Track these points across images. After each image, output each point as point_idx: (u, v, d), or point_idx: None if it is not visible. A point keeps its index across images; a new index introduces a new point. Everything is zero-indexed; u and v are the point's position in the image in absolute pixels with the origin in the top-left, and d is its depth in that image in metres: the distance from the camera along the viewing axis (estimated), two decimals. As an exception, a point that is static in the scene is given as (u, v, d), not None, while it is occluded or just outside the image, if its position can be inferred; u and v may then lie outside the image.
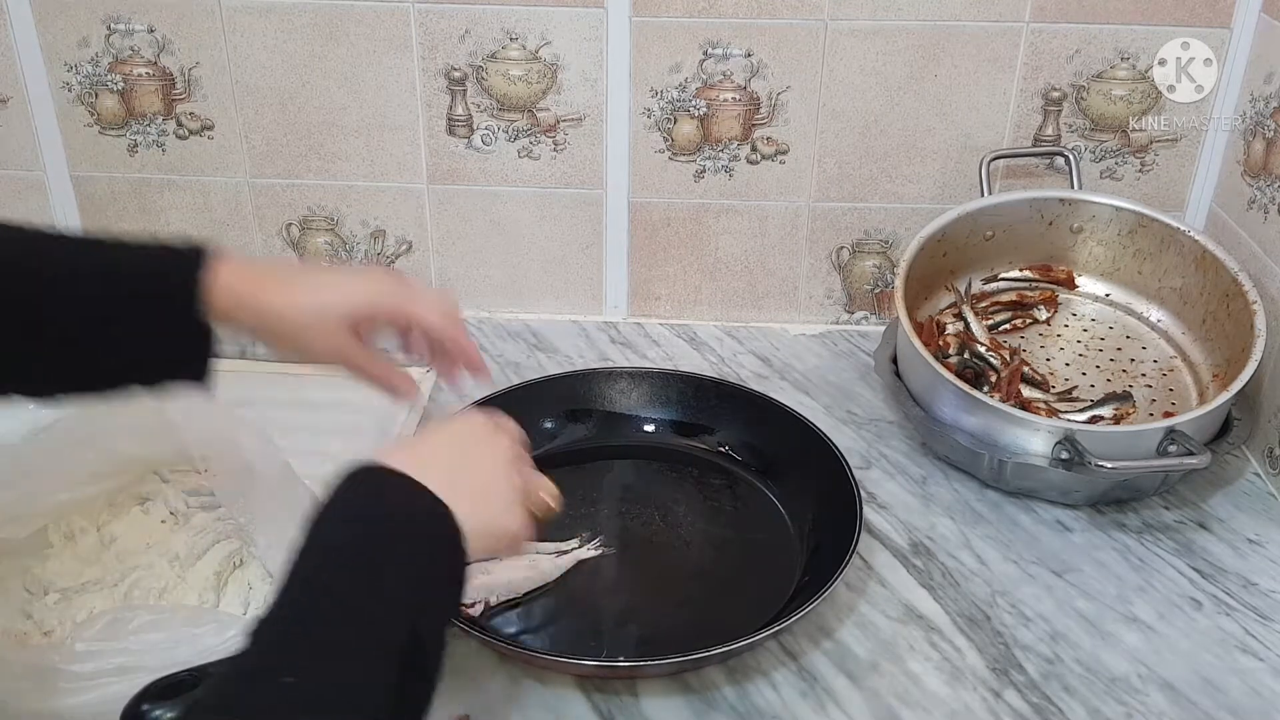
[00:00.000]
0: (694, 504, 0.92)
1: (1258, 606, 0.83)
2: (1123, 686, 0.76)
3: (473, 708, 0.73)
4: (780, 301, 1.18)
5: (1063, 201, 1.06)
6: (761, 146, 1.10)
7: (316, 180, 1.14)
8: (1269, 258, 0.98)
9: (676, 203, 1.13)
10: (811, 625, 0.80)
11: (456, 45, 1.07)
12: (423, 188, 1.14)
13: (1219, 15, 1.03)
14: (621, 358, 1.12)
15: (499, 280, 1.18)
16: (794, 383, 1.09)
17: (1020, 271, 1.09)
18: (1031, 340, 1.06)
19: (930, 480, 0.96)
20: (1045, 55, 1.05)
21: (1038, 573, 0.86)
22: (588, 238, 1.15)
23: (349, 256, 1.17)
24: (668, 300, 1.18)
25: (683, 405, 0.99)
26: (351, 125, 1.11)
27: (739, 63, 1.06)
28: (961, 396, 0.91)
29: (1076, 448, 0.86)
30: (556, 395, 0.98)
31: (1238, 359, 0.93)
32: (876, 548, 0.88)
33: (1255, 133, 1.02)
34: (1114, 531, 0.91)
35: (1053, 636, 0.80)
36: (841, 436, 0.99)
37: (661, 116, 1.09)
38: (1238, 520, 0.92)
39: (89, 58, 1.09)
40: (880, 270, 1.16)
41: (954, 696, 0.75)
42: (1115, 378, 1.02)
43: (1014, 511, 0.92)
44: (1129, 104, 1.07)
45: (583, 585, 0.83)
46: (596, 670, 0.77)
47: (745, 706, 0.74)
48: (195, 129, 1.12)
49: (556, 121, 1.10)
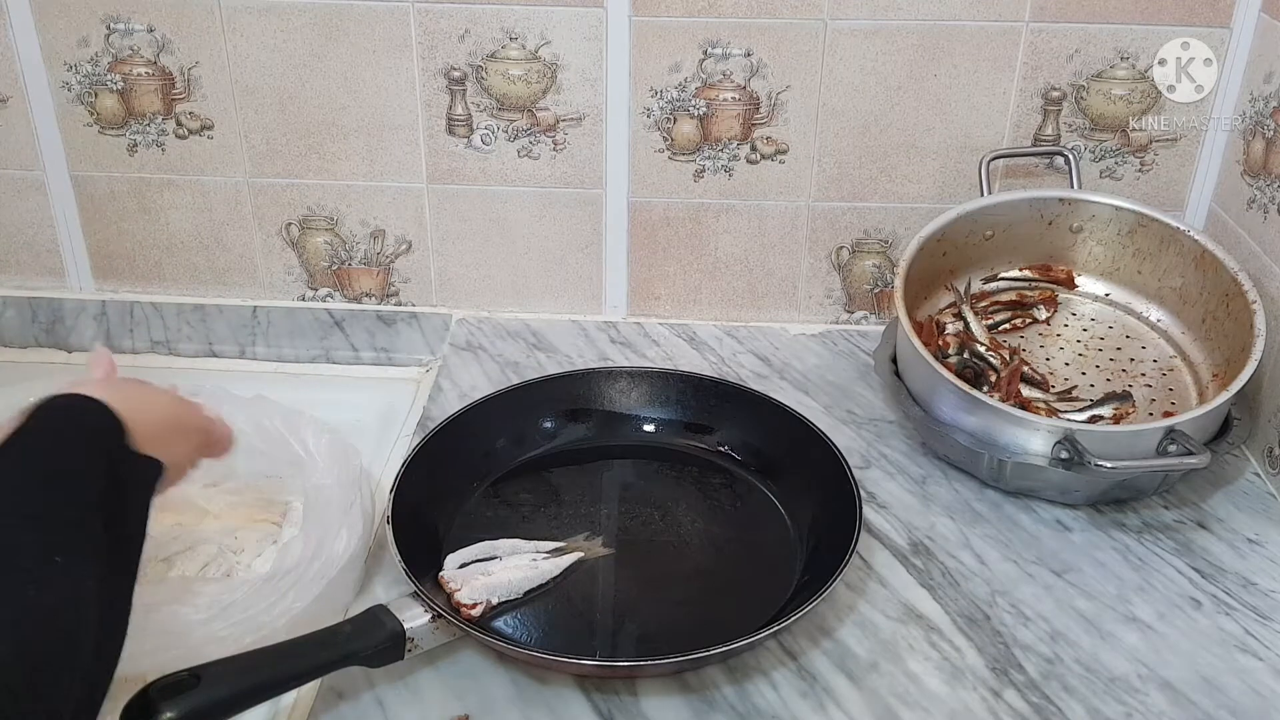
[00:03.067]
0: (694, 504, 0.92)
1: (1257, 606, 0.83)
2: (1122, 686, 0.76)
3: (473, 708, 0.73)
4: (780, 301, 1.18)
5: (1062, 201, 1.06)
6: (761, 146, 1.10)
7: (316, 180, 1.14)
8: (1269, 257, 0.98)
9: (676, 202, 1.13)
10: (811, 625, 0.80)
11: (456, 45, 1.07)
12: (422, 187, 1.14)
13: (1219, 15, 1.03)
14: (621, 357, 1.12)
15: (498, 280, 1.18)
16: (794, 382, 1.09)
17: (1020, 271, 1.09)
18: (1031, 340, 1.06)
19: (930, 480, 0.96)
20: (1045, 55, 1.05)
21: (1037, 572, 0.86)
22: (587, 237, 1.15)
23: (349, 256, 1.17)
24: (667, 300, 1.18)
25: (682, 405, 0.99)
26: (351, 125, 1.11)
27: (739, 62, 1.06)
28: (961, 396, 0.91)
29: (1076, 447, 0.86)
30: (556, 395, 0.98)
31: (1237, 359, 0.93)
32: (876, 547, 0.88)
33: (1255, 132, 1.02)
34: (1114, 531, 0.91)
35: (1052, 636, 0.80)
36: (841, 436, 0.99)
37: (661, 116, 1.09)
38: (1237, 520, 0.92)
39: (89, 57, 1.09)
40: (880, 270, 1.16)
41: (954, 696, 0.75)
42: (1115, 377, 1.02)
43: (1014, 511, 0.92)
44: (1129, 104, 1.07)
45: (583, 585, 0.83)
46: (596, 670, 0.77)
47: (745, 706, 0.74)
48: (195, 129, 1.12)
49: (556, 121, 1.10)
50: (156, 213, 1.16)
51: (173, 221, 1.17)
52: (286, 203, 1.15)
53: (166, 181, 1.15)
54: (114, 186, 1.15)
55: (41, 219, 1.17)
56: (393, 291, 1.19)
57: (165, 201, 1.16)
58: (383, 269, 1.18)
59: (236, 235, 1.17)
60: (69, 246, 1.18)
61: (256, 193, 1.15)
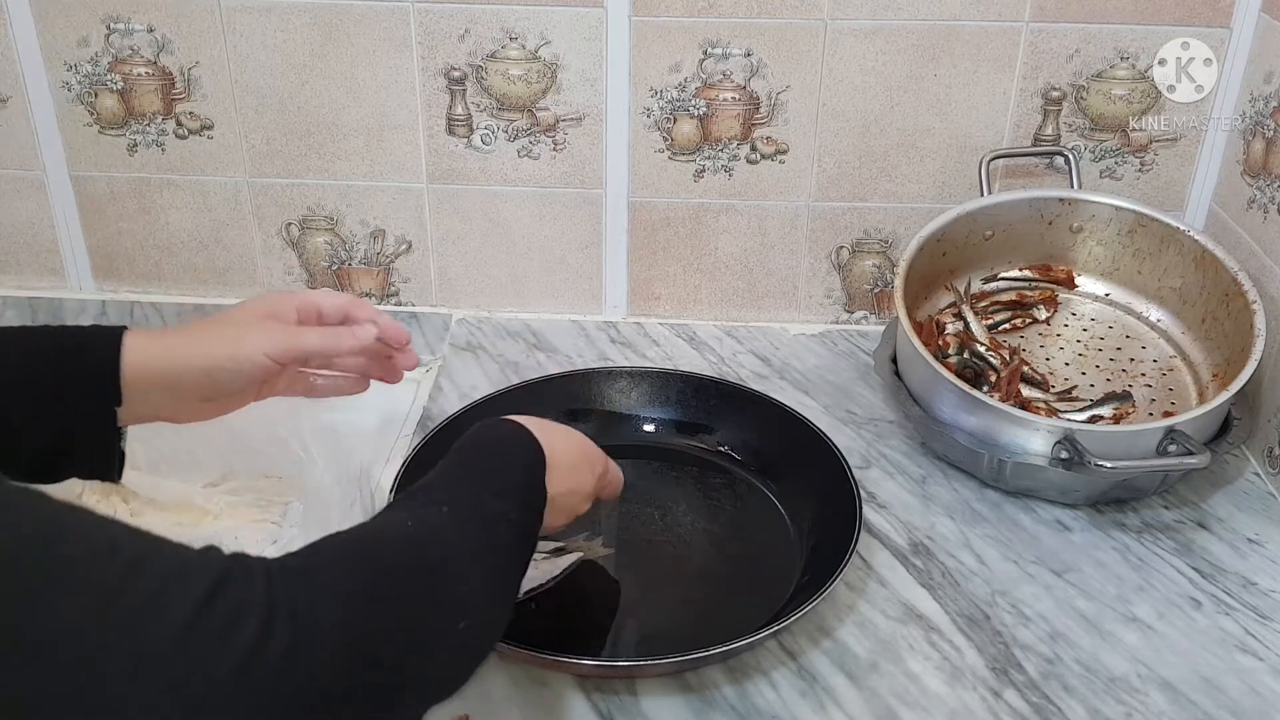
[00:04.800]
0: (694, 504, 0.92)
1: (1257, 606, 0.83)
2: (1122, 686, 0.76)
3: (473, 708, 0.73)
4: (780, 301, 1.18)
5: (1062, 201, 1.06)
6: (761, 146, 1.10)
7: (316, 180, 1.14)
8: (1268, 257, 0.98)
9: (676, 202, 1.13)
10: (811, 625, 0.80)
11: (456, 45, 1.07)
12: (422, 187, 1.14)
13: (1219, 15, 1.03)
14: (621, 357, 1.12)
15: (498, 280, 1.18)
16: (793, 382, 1.09)
17: (1020, 271, 1.09)
18: (1031, 340, 1.06)
19: (930, 480, 0.96)
20: (1045, 55, 1.05)
21: (1037, 572, 0.86)
22: (587, 237, 1.15)
23: (349, 256, 1.17)
24: (667, 300, 1.18)
25: (682, 405, 0.99)
26: (351, 125, 1.11)
27: (739, 62, 1.06)
28: (961, 396, 0.91)
29: (1076, 447, 0.86)
30: (556, 395, 0.98)
31: (1237, 358, 0.93)
32: (876, 547, 0.88)
33: (1255, 132, 1.02)
34: (1114, 531, 0.91)
35: (1052, 636, 0.80)
36: (841, 436, 0.99)
37: (661, 116, 1.09)
38: (1237, 520, 0.92)
39: (89, 57, 1.09)
40: (880, 270, 1.16)
41: (953, 696, 0.75)
42: (1115, 377, 1.02)
43: (1014, 511, 0.92)
44: (1129, 104, 1.07)
45: (583, 585, 0.83)
46: (596, 670, 0.77)
47: (745, 706, 0.74)
48: (195, 128, 1.12)
49: (556, 121, 1.10)
50: (156, 213, 1.16)
51: (173, 221, 1.17)
52: (286, 203, 1.15)
53: (166, 181, 1.15)
54: (114, 186, 1.15)
55: (41, 219, 1.17)
56: (393, 291, 1.19)
57: (165, 201, 1.16)
58: (383, 269, 1.18)
59: (236, 235, 1.17)
60: (69, 246, 1.18)
61: (256, 193, 1.15)
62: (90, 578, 0.41)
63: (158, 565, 0.43)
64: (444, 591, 0.55)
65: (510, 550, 0.63)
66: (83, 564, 0.41)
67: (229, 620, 0.43)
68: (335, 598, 0.49)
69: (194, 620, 0.42)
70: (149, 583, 0.42)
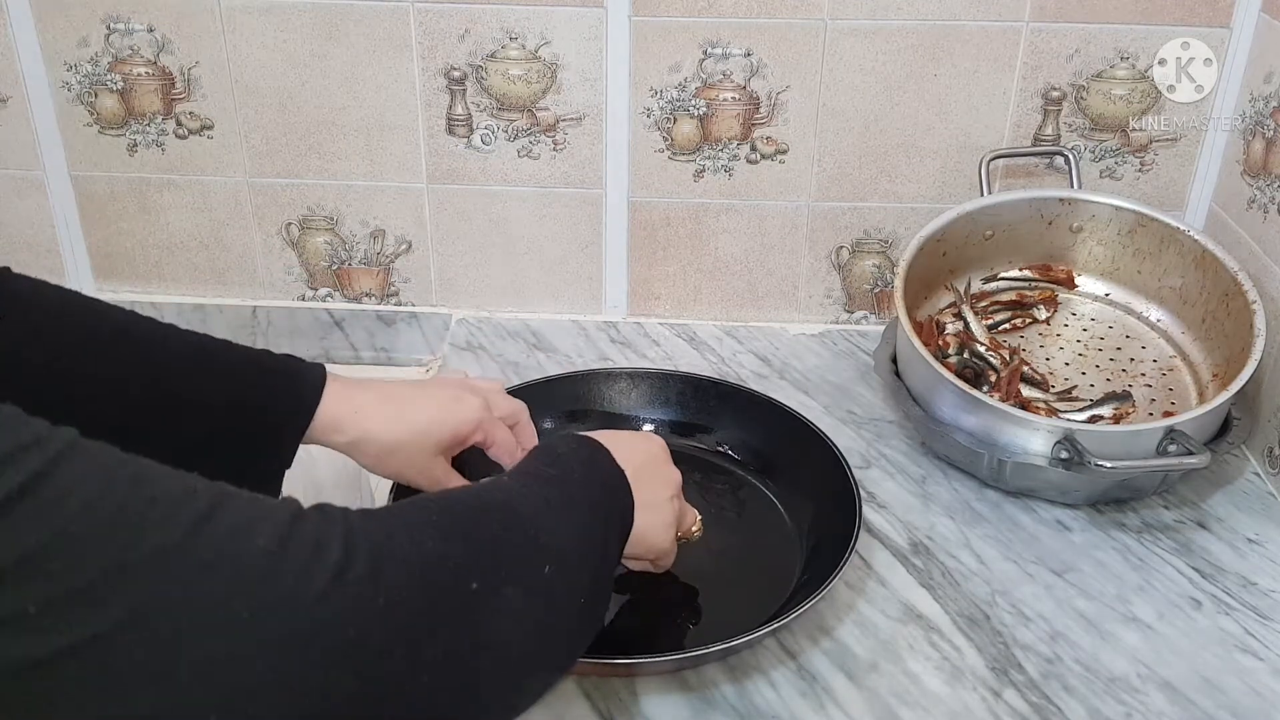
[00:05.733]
0: (694, 504, 0.92)
1: (1257, 606, 0.83)
2: (1122, 686, 0.76)
3: (472, 707, 0.73)
4: (780, 301, 1.18)
5: (1062, 201, 1.06)
6: (761, 146, 1.10)
7: (316, 180, 1.14)
8: (1268, 257, 0.98)
9: (676, 202, 1.13)
10: (811, 624, 0.80)
11: (456, 45, 1.07)
12: (422, 187, 1.14)
13: (1219, 15, 1.03)
14: (621, 357, 1.12)
15: (498, 280, 1.18)
16: (793, 382, 1.09)
17: (1020, 271, 1.09)
18: (1031, 340, 1.06)
19: (930, 480, 0.96)
20: (1045, 55, 1.05)
21: (1037, 572, 0.86)
22: (587, 237, 1.15)
23: (349, 256, 1.17)
24: (667, 300, 1.18)
25: (682, 405, 0.99)
26: (351, 125, 1.11)
27: (739, 62, 1.06)
28: (961, 396, 0.91)
29: (1076, 447, 0.86)
30: (556, 395, 0.98)
31: (1237, 358, 0.93)
32: (876, 547, 0.88)
33: (1255, 132, 1.02)
34: (1114, 531, 0.90)
35: (1052, 636, 0.80)
36: (841, 436, 0.99)
37: (661, 116, 1.09)
38: (1237, 520, 0.92)
39: (89, 57, 1.09)
40: (880, 270, 1.16)
41: (953, 696, 0.75)
42: (1115, 377, 1.02)
43: (1014, 511, 0.92)
44: (1129, 104, 1.07)
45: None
46: (596, 669, 0.76)
47: (744, 705, 0.74)
48: (195, 128, 1.12)
49: (556, 121, 1.10)
50: (156, 213, 1.16)
51: (173, 221, 1.17)
52: (286, 202, 1.15)
53: (166, 181, 1.15)
54: (114, 186, 1.15)
55: (41, 219, 1.17)
56: (393, 291, 1.19)
57: (165, 201, 1.16)
58: (383, 269, 1.18)
59: (236, 235, 1.17)
60: (69, 246, 1.18)
61: (256, 192, 1.15)
62: (179, 511, 0.43)
63: (240, 502, 0.45)
64: (527, 534, 0.56)
65: (595, 538, 0.63)
66: (171, 500, 0.43)
67: (313, 547, 0.45)
68: (414, 527, 0.51)
69: (281, 547, 0.44)
70: (235, 516, 0.44)
